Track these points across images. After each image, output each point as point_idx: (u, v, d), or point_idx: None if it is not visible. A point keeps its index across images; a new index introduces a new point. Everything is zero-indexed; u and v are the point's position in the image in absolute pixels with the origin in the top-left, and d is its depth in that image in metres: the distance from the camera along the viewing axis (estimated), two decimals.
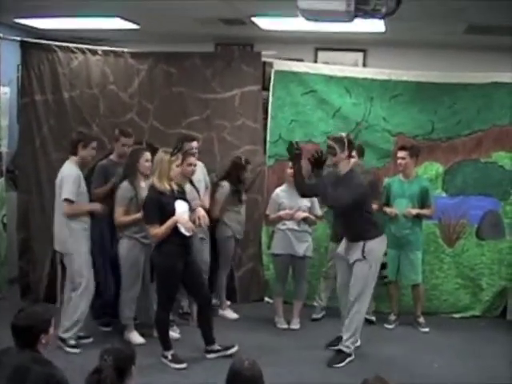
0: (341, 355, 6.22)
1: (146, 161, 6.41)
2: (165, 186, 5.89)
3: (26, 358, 3.54)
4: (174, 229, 5.84)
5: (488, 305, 7.86)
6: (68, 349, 6.21)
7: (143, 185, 6.42)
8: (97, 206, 6.44)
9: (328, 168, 6.25)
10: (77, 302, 6.27)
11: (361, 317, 6.26)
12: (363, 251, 6.08)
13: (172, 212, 5.84)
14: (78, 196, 6.22)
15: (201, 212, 6.18)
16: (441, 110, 7.77)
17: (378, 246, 6.21)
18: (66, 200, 6.17)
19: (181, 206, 5.91)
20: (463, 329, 7.44)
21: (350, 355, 6.22)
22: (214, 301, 7.06)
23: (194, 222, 6.04)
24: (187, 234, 5.90)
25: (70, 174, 6.22)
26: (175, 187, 6.01)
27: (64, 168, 6.32)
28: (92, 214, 6.42)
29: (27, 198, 7.70)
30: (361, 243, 6.09)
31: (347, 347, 6.22)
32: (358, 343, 6.42)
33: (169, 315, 6.22)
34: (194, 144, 7.05)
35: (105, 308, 6.79)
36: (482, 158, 7.77)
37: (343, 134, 6.23)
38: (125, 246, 6.44)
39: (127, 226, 6.40)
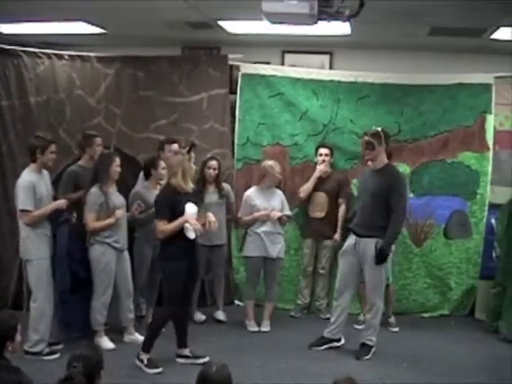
0: (365, 348, 6.43)
1: (117, 166, 6.41)
2: (189, 186, 5.93)
3: None
4: (179, 231, 5.86)
5: (456, 304, 7.95)
6: (46, 357, 6.06)
7: (111, 189, 6.43)
8: (59, 203, 6.23)
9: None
10: (37, 313, 6.09)
11: (380, 313, 6.49)
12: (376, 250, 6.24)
13: (181, 212, 5.86)
14: (35, 204, 6.02)
15: (212, 217, 6.17)
16: (407, 112, 7.85)
17: None
18: (23, 211, 6.00)
19: (190, 208, 5.91)
20: (433, 328, 7.53)
21: (373, 347, 6.43)
22: None
23: (203, 225, 6.08)
24: (192, 237, 5.90)
25: (21, 183, 6.00)
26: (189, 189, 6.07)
27: (21, 176, 6.12)
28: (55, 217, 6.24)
29: None
30: (373, 241, 6.22)
31: (370, 340, 6.44)
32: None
33: (184, 317, 6.24)
34: (175, 146, 7.03)
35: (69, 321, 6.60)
36: (448, 159, 7.86)
37: (379, 129, 6.36)
38: (96, 252, 6.40)
39: (99, 231, 6.38)
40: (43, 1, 6.25)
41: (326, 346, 6.61)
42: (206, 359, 5.94)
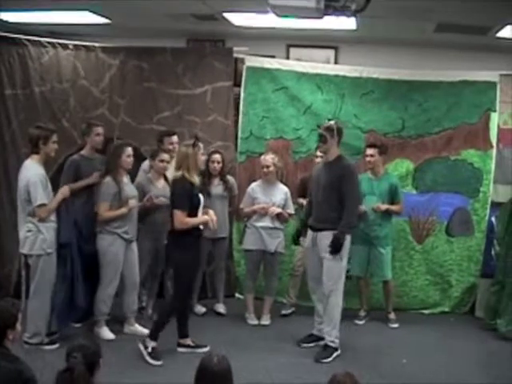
0: (328, 350, 6.27)
1: (128, 156, 6.43)
2: (195, 179, 5.95)
3: None
4: None
5: (457, 301, 7.94)
6: (45, 347, 6.05)
7: (125, 180, 6.48)
8: (64, 191, 6.17)
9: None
10: (37, 307, 6.04)
11: (339, 309, 6.31)
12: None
13: (198, 204, 5.97)
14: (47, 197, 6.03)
15: (213, 215, 6.20)
16: (411, 108, 7.84)
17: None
18: (40, 206, 5.93)
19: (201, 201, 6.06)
20: (432, 325, 7.51)
21: (336, 349, 6.27)
22: None
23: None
24: (201, 227, 6.09)
25: (34, 178, 5.91)
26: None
27: (27, 169, 6.02)
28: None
29: None
30: (329, 234, 6.13)
31: (332, 342, 6.28)
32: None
33: (187, 306, 6.35)
34: (175, 138, 7.05)
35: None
36: (451, 156, 7.85)
37: (332, 122, 6.39)
38: (104, 242, 6.41)
39: (111, 221, 6.38)
40: None
41: (314, 344, 6.56)
42: (207, 348, 6.03)
